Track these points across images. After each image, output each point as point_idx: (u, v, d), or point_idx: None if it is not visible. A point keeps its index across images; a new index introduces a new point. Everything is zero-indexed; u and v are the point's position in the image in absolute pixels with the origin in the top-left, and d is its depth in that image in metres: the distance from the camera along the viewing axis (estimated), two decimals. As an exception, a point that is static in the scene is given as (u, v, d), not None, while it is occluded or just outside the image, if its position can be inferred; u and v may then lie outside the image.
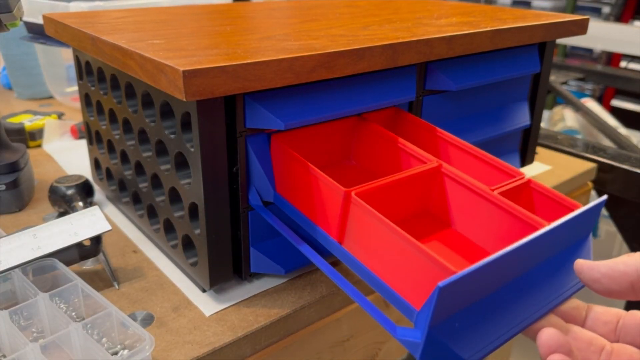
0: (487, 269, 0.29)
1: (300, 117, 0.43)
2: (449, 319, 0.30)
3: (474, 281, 0.29)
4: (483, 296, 0.31)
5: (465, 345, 0.30)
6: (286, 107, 0.42)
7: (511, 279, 0.32)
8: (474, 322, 0.31)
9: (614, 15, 2.39)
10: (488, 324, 0.31)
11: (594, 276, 0.30)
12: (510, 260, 0.31)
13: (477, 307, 0.31)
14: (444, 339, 0.29)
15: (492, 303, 0.31)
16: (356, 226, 0.37)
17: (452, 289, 0.28)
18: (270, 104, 0.42)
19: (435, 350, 0.29)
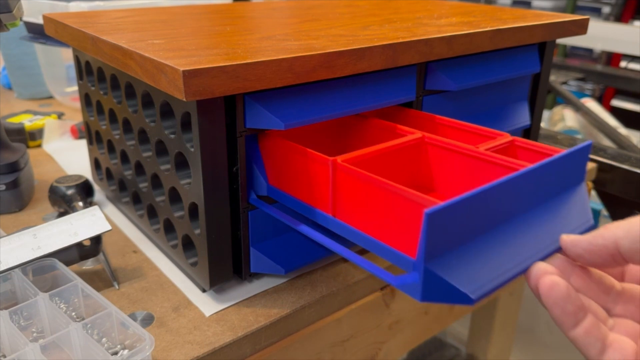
0: (474, 202, 0.29)
1: (300, 117, 0.43)
2: (445, 255, 0.29)
3: (463, 214, 0.29)
4: (478, 234, 0.31)
5: (466, 281, 0.29)
6: (286, 107, 0.42)
7: (505, 219, 0.33)
8: (472, 259, 0.30)
9: (614, 15, 2.39)
10: (488, 262, 0.31)
11: (577, 252, 0.31)
12: (497, 195, 0.31)
13: (473, 245, 0.31)
14: (443, 275, 0.29)
15: (489, 242, 0.31)
16: (346, 193, 0.38)
17: (440, 218, 0.28)
18: (270, 104, 0.42)
19: (435, 288, 0.29)
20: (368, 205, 0.36)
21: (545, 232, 0.34)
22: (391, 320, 0.57)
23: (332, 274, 0.51)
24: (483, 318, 0.91)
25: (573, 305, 0.29)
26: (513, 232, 0.33)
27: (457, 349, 1.26)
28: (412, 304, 0.58)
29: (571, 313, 0.29)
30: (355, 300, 0.52)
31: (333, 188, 0.39)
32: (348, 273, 0.51)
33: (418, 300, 0.30)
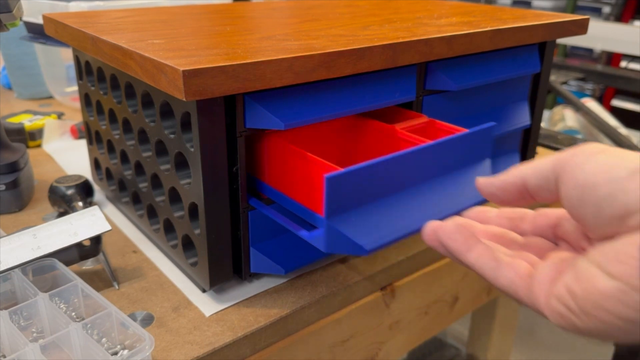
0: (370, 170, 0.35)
1: (300, 117, 0.43)
2: (345, 213, 0.35)
3: (360, 179, 0.35)
4: (376, 198, 0.37)
5: (362, 235, 0.35)
6: (286, 107, 0.42)
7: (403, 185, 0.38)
8: (369, 218, 0.36)
9: (614, 15, 2.39)
10: (385, 221, 0.36)
11: (491, 191, 0.34)
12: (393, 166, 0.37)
13: (371, 207, 0.36)
14: (342, 230, 0.35)
15: (386, 205, 0.37)
16: (277, 163, 0.44)
17: (338, 182, 0.34)
18: (270, 103, 0.42)
19: (336, 240, 0.35)
20: (295, 174, 0.42)
21: (444, 199, 0.39)
22: (391, 320, 0.57)
23: (332, 274, 0.51)
24: (483, 318, 0.91)
25: (461, 235, 0.32)
26: (410, 197, 0.38)
27: (457, 349, 1.26)
28: (412, 304, 0.58)
29: (461, 242, 0.32)
30: (355, 301, 0.52)
31: (269, 157, 0.45)
32: (348, 273, 0.51)
33: (322, 249, 0.36)
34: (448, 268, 0.61)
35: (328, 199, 0.34)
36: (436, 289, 0.61)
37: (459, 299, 0.65)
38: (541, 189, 0.31)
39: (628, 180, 0.26)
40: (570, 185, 0.29)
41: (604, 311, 0.26)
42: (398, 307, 0.56)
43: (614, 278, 0.26)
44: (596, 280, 0.27)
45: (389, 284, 0.54)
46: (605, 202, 0.27)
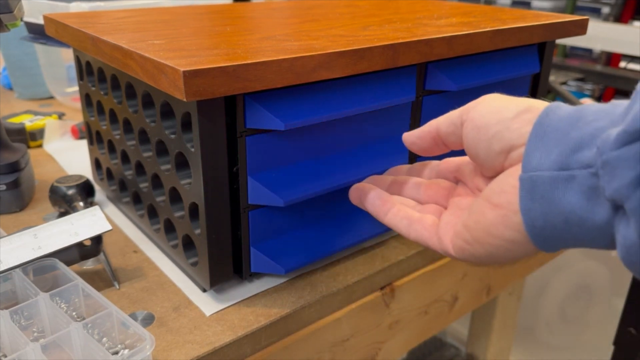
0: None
1: (300, 117, 0.43)
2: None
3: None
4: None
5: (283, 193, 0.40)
6: (286, 108, 0.42)
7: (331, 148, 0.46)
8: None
9: (613, 15, 2.39)
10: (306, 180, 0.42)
11: (411, 140, 0.38)
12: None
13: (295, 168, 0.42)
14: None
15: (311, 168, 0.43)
16: None
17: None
18: (271, 104, 0.42)
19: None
20: None
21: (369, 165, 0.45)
22: (391, 320, 0.57)
23: (332, 274, 0.51)
24: (483, 318, 0.91)
25: (380, 199, 0.39)
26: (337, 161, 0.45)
27: (457, 349, 1.26)
28: (412, 304, 0.58)
29: (380, 204, 0.39)
30: (355, 300, 0.52)
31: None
32: (348, 273, 0.51)
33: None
34: (448, 268, 0.61)
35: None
36: (436, 289, 0.61)
37: (459, 299, 0.65)
38: (450, 135, 0.35)
39: (513, 120, 0.31)
40: (470, 127, 0.33)
41: (492, 236, 0.31)
42: (398, 306, 0.56)
43: (498, 207, 0.31)
44: (484, 212, 0.32)
45: (388, 284, 0.54)
46: (494, 140, 0.31)
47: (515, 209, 0.30)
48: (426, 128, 0.37)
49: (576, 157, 0.27)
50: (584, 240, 0.28)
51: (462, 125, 0.34)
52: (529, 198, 0.29)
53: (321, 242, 0.50)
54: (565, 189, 0.27)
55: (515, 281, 0.79)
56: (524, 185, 0.29)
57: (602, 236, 0.27)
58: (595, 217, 0.27)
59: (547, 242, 0.29)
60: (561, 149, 0.28)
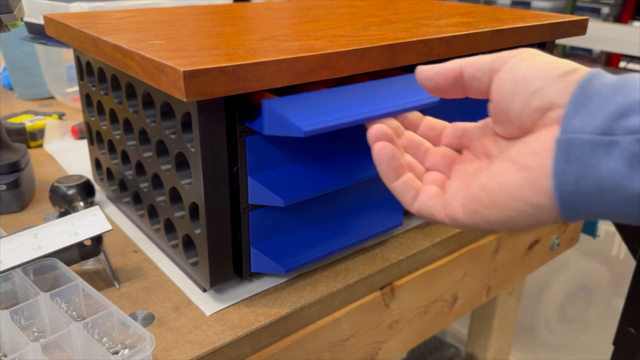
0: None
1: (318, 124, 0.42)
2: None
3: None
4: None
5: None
6: (302, 113, 0.42)
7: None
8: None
9: (613, 15, 2.39)
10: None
11: (428, 74, 0.36)
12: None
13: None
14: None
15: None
16: None
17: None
18: (288, 109, 0.41)
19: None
20: None
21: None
22: (391, 320, 0.57)
23: (332, 273, 0.51)
24: (483, 318, 0.91)
25: (396, 163, 0.36)
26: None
27: (457, 349, 1.26)
28: (412, 304, 0.58)
29: (394, 169, 0.36)
30: (355, 300, 0.52)
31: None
32: (348, 273, 0.51)
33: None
34: (448, 268, 0.61)
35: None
36: (436, 289, 0.61)
37: (459, 299, 0.65)
38: (474, 80, 0.33)
39: (558, 79, 0.29)
40: (506, 78, 0.31)
41: (516, 199, 0.30)
42: (398, 306, 0.57)
43: (527, 168, 0.29)
44: (510, 174, 0.30)
45: (388, 284, 0.54)
46: (534, 94, 0.30)
47: (546, 172, 0.28)
48: (448, 65, 0.35)
49: (621, 122, 0.26)
50: (614, 211, 0.27)
51: (493, 74, 0.32)
52: (563, 160, 0.28)
53: (321, 242, 0.50)
54: (606, 154, 0.26)
55: (515, 281, 0.79)
56: (561, 146, 0.28)
57: (638, 206, 0.26)
58: (633, 186, 0.26)
59: (574, 209, 0.28)
60: (605, 114, 0.27)
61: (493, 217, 0.31)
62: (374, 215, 0.55)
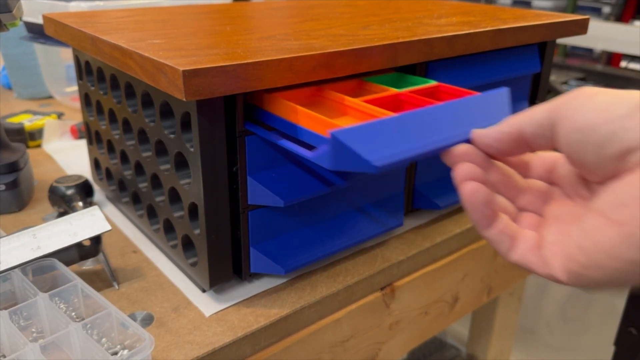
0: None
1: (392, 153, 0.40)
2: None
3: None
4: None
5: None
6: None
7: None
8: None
9: (614, 15, 2.39)
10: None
11: (487, 142, 0.33)
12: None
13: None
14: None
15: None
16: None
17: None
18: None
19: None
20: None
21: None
22: (391, 321, 0.57)
23: (332, 274, 0.51)
24: (483, 318, 0.91)
25: (490, 210, 0.32)
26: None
27: (457, 349, 1.26)
28: (413, 305, 0.58)
29: (488, 216, 0.32)
30: (355, 301, 0.52)
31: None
32: (348, 273, 0.51)
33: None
34: (448, 268, 0.61)
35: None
36: (436, 289, 0.61)
37: (459, 299, 0.65)
38: (537, 137, 0.31)
39: (628, 118, 0.26)
40: (570, 129, 0.29)
41: (614, 259, 0.27)
42: (398, 307, 0.56)
43: (620, 224, 0.26)
44: (604, 231, 0.27)
45: (389, 284, 0.54)
46: (606, 142, 0.27)
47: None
48: (505, 128, 0.32)
49: None
50: None
51: (554, 126, 0.30)
52: None
53: (321, 242, 0.50)
54: None
55: (516, 281, 0.79)
56: None
57: None
58: None
59: None
60: None
61: (597, 278, 0.28)
62: (374, 215, 0.55)
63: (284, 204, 0.44)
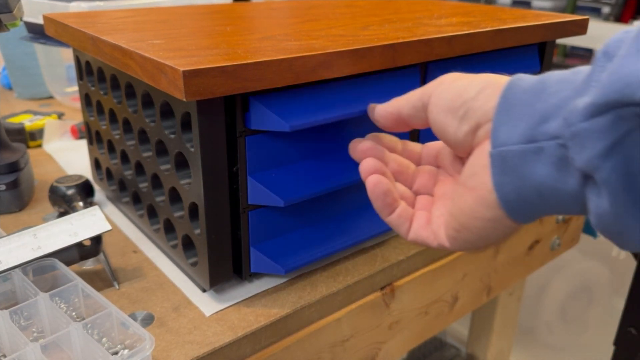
0: None
1: (305, 118, 0.43)
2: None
3: None
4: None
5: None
6: (290, 109, 0.42)
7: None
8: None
9: (613, 15, 2.39)
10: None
11: (375, 117, 0.39)
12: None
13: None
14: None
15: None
16: None
17: None
18: (275, 105, 0.42)
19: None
20: None
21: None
22: (391, 320, 0.57)
23: (332, 274, 0.51)
24: (483, 318, 0.91)
25: (390, 198, 0.37)
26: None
27: (457, 349, 1.26)
28: (413, 304, 0.58)
29: (388, 204, 0.37)
30: (355, 300, 0.52)
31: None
32: (348, 273, 0.51)
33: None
34: (448, 268, 0.61)
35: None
36: (436, 289, 0.61)
37: (459, 299, 0.65)
38: (413, 117, 0.36)
39: (475, 99, 0.31)
40: (436, 111, 0.34)
41: (476, 219, 0.32)
42: (398, 307, 0.56)
43: (474, 189, 0.31)
44: (464, 197, 0.32)
45: (388, 284, 0.54)
46: (461, 120, 0.32)
47: (489, 188, 0.30)
48: (389, 109, 0.38)
49: (543, 128, 0.27)
50: (558, 209, 0.29)
51: (425, 109, 0.35)
52: (500, 173, 0.29)
53: (321, 242, 0.50)
54: (535, 161, 0.28)
55: (516, 281, 0.79)
56: (495, 161, 0.29)
57: (576, 203, 0.28)
58: (566, 187, 0.27)
59: (523, 214, 0.30)
60: (527, 122, 0.28)
61: (468, 238, 0.33)
62: (374, 215, 0.54)
63: (284, 204, 0.44)
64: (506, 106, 0.29)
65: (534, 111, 0.28)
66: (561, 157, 0.27)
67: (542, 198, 0.28)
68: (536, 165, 0.28)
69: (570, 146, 0.26)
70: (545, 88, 0.28)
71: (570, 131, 0.26)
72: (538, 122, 0.28)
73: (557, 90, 0.28)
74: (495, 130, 0.29)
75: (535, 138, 0.28)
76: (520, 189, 0.29)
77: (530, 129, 0.28)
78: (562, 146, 0.27)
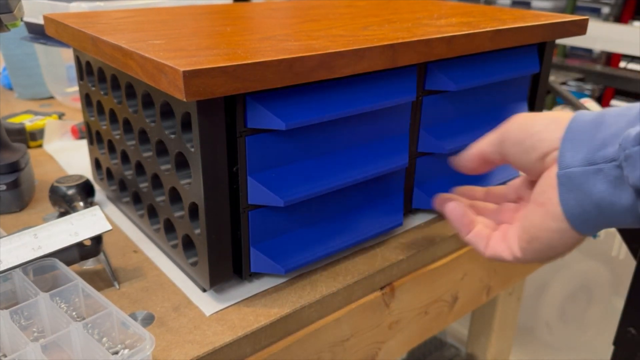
0: None
1: (302, 117, 0.43)
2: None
3: None
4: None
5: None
6: (287, 107, 0.42)
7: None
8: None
9: (613, 15, 2.39)
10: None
11: (462, 164, 0.45)
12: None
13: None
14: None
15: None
16: None
17: None
18: (272, 104, 0.42)
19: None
20: None
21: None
22: (391, 320, 0.57)
23: (332, 273, 0.51)
24: (483, 318, 0.91)
25: (467, 219, 0.44)
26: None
27: (457, 349, 1.26)
28: (412, 304, 0.58)
29: (466, 224, 0.44)
30: (355, 300, 0.52)
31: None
32: (348, 273, 0.51)
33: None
34: (448, 268, 0.61)
35: None
36: (436, 289, 0.61)
37: (459, 299, 0.65)
38: (493, 154, 0.42)
39: (543, 132, 0.37)
40: (508, 144, 0.40)
41: (543, 230, 0.37)
42: (398, 306, 0.56)
43: (542, 205, 0.37)
44: (534, 212, 0.38)
45: (388, 284, 0.54)
46: (531, 150, 0.38)
47: (555, 203, 0.36)
48: (474, 152, 0.44)
49: (602, 153, 0.33)
50: (615, 221, 0.35)
51: (502, 144, 0.41)
52: (565, 191, 0.35)
53: (321, 242, 0.50)
54: (595, 180, 0.34)
55: (515, 281, 0.79)
56: (561, 180, 0.35)
57: (630, 215, 0.33)
58: (621, 201, 0.33)
59: (585, 225, 0.36)
60: (588, 148, 0.34)
61: (538, 248, 0.39)
62: (374, 215, 0.55)
63: (284, 203, 0.44)
64: (570, 136, 0.35)
65: (595, 140, 0.34)
66: (617, 177, 0.33)
67: (601, 210, 0.34)
68: (596, 183, 0.34)
69: (624, 166, 0.32)
70: (604, 121, 0.34)
71: (624, 154, 0.32)
72: (598, 148, 0.34)
73: (613, 123, 0.34)
74: (561, 156, 0.35)
75: (595, 161, 0.34)
76: (582, 203, 0.35)
77: (591, 153, 0.34)
78: (617, 167, 0.32)
